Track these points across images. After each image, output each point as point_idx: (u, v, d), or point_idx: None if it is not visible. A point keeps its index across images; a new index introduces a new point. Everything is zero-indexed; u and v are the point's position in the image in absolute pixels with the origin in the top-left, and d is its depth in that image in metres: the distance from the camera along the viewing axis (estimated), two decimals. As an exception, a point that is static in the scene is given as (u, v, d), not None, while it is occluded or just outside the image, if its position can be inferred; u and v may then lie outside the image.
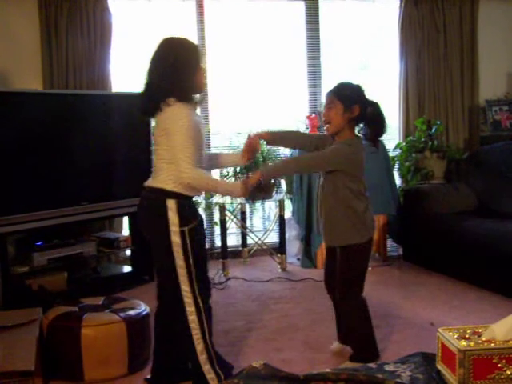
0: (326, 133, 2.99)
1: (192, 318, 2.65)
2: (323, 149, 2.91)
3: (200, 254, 2.72)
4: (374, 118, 2.88)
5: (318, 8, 5.61)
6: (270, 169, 3.10)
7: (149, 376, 2.92)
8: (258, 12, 5.53)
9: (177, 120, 2.55)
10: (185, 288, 2.64)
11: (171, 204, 2.59)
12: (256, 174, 2.79)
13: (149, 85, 2.65)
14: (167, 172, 2.63)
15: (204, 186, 2.65)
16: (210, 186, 2.68)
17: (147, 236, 2.78)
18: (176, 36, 2.72)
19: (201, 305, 2.65)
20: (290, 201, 5.38)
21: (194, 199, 2.82)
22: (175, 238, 2.60)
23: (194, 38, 5.32)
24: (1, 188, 3.80)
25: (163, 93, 2.58)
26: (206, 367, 2.65)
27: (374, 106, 2.88)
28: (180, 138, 2.53)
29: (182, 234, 2.59)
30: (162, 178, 2.65)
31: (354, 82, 2.93)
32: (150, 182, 2.73)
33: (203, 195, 5.14)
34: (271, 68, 5.56)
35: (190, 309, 2.64)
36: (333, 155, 2.85)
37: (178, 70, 2.58)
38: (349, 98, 2.83)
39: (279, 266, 5.05)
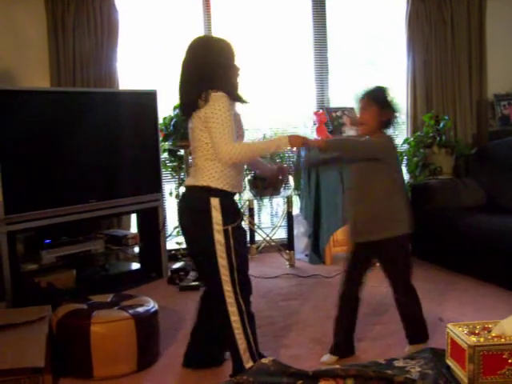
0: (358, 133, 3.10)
1: (234, 318, 2.63)
2: None
3: (242, 253, 2.69)
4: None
5: (324, 3, 5.60)
6: (330, 142, 3.03)
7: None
8: (265, 8, 5.52)
9: (214, 105, 2.56)
10: (227, 288, 2.62)
11: (215, 202, 2.58)
12: (318, 141, 2.80)
13: (183, 84, 2.70)
14: (210, 169, 2.62)
15: (250, 153, 2.61)
16: (255, 150, 2.65)
17: (188, 236, 2.75)
18: (210, 35, 2.74)
19: (243, 306, 2.64)
20: (297, 197, 5.37)
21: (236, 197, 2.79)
22: (218, 237, 2.58)
23: (200, 34, 5.32)
24: (9, 186, 3.80)
25: (198, 89, 2.60)
26: (249, 365, 2.63)
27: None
28: (217, 121, 2.53)
29: (226, 232, 2.58)
30: (205, 176, 2.63)
31: (384, 85, 3.04)
32: (192, 181, 2.71)
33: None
34: (278, 64, 5.55)
35: (232, 309, 2.63)
36: (380, 143, 2.94)
37: (211, 67, 2.64)
38: (384, 101, 2.94)
39: (287, 263, 5.04)
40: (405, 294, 3.05)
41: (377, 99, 2.92)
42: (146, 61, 5.28)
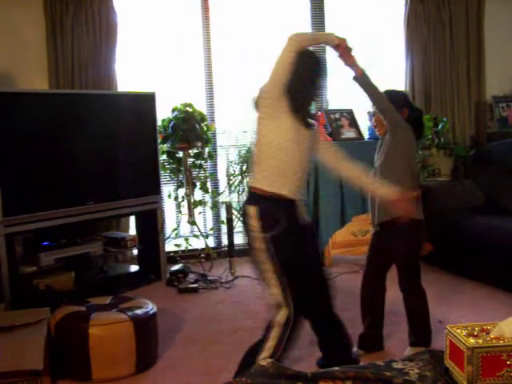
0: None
1: (278, 319, 2.60)
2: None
3: (292, 260, 2.60)
4: (416, 123, 3.10)
5: (323, 4, 5.61)
6: (367, 76, 2.95)
7: None
8: (264, 8, 5.52)
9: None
10: (275, 291, 2.59)
11: (252, 210, 2.57)
12: (358, 66, 2.85)
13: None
14: (259, 169, 2.62)
15: (303, 36, 2.58)
16: (307, 36, 2.64)
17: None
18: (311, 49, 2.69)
19: (292, 309, 2.60)
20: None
21: (289, 202, 2.64)
22: (259, 244, 2.57)
23: (199, 37, 5.34)
24: (8, 188, 3.80)
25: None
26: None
27: (419, 112, 3.18)
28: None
29: (265, 240, 2.55)
30: (253, 176, 2.65)
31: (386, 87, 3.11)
32: (249, 181, 2.72)
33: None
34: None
35: (283, 310, 2.60)
36: (404, 123, 3.01)
37: (297, 75, 2.56)
38: (398, 101, 3.02)
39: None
40: (413, 293, 3.10)
41: (391, 100, 2.97)
42: (144, 63, 5.28)
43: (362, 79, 2.89)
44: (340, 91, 5.69)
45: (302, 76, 2.57)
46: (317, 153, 2.75)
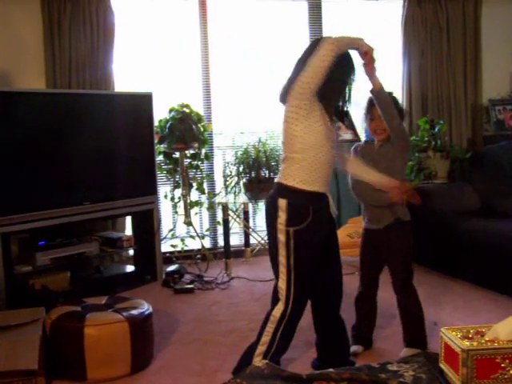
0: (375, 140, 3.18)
1: (276, 314, 2.67)
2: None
3: (306, 260, 2.67)
4: None
5: (320, 7, 5.61)
6: (384, 91, 3.02)
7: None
8: (261, 11, 5.53)
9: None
10: (281, 285, 2.67)
11: (282, 203, 2.61)
12: (376, 81, 2.92)
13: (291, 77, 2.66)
14: (290, 166, 2.65)
15: (342, 41, 2.60)
16: (344, 40, 2.66)
17: (266, 227, 2.79)
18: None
19: (289, 308, 2.66)
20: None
21: (316, 197, 2.68)
22: (280, 236, 2.62)
23: (196, 38, 5.34)
24: (4, 188, 3.80)
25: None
26: (257, 359, 2.64)
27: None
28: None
29: (287, 233, 2.60)
30: (283, 172, 2.68)
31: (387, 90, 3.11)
32: (279, 178, 2.73)
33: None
34: (274, 67, 5.55)
35: (280, 305, 2.67)
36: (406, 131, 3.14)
37: (332, 77, 2.58)
38: (398, 110, 3.05)
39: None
40: (407, 294, 3.10)
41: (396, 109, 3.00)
42: (141, 63, 5.28)
43: (379, 93, 2.92)
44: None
45: (336, 78, 2.61)
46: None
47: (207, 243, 5.50)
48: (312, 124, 2.58)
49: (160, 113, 4.99)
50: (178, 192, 5.23)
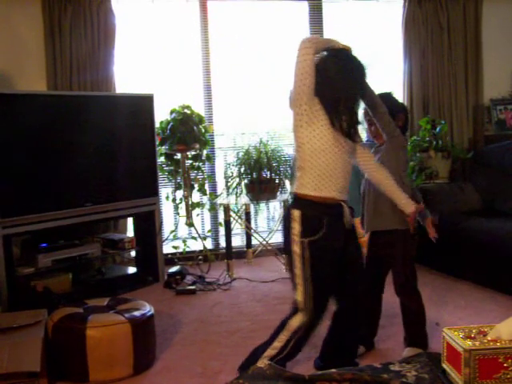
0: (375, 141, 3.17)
1: (294, 323, 2.63)
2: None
3: (323, 271, 2.62)
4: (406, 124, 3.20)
5: (321, 8, 5.61)
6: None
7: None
8: (262, 12, 5.53)
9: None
10: (299, 297, 2.62)
11: (296, 214, 2.57)
12: None
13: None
14: (303, 174, 2.61)
15: (315, 38, 2.64)
16: (318, 38, 2.68)
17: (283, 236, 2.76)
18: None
19: (308, 320, 2.62)
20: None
21: (330, 208, 2.62)
22: (295, 247, 2.58)
23: (197, 39, 5.34)
24: (5, 189, 3.81)
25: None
26: (264, 360, 2.55)
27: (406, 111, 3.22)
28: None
29: (302, 244, 2.56)
30: (297, 182, 2.65)
31: (386, 91, 3.10)
32: (293, 187, 2.70)
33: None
34: (275, 68, 5.55)
35: (300, 316, 2.62)
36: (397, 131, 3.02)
37: (324, 76, 2.54)
38: (396, 106, 3.06)
39: (284, 267, 5.04)
40: (409, 296, 3.10)
41: (391, 105, 2.97)
42: (142, 64, 5.28)
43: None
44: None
45: (328, 76, 2.55)
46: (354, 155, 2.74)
47: (209, 244, 5.50)
48: (316, 129, 2.53)
49: (161, 114, 5.00)
50: (180, 193, 5.23)
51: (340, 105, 2.56)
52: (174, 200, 5.26)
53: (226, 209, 4.92)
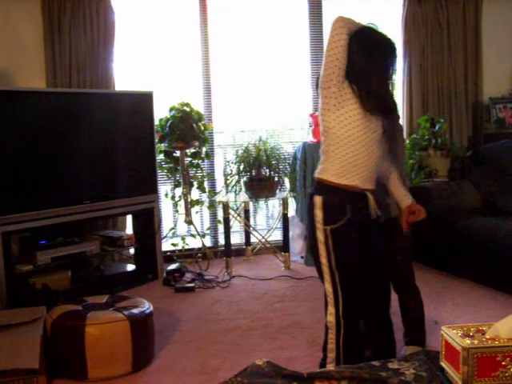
0: None
1: (330, 318, 2.53)
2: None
3: (348, 259, 2.50)
4: None
5: (321, 6, 5.61)
6: None
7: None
8: (261, 10, 5.53)
9: None
10: (327, 288, 2.52)
11: (318, 200, 2.47)
12: None
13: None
14: (327, 160, 2.50)
15: (348, 18, 2.50)
16: (350, 19, 2.52)
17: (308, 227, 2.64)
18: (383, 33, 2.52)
19: (341, 309, 2.50)
20: (293, 199, 5.37)
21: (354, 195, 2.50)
22: (319, 235, 2.48)
23: (196, 36, 5.33)
24: (4, 187, 3.80)
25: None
26: (330, 365, 2.48)
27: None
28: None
29: (325, 232, 2.46)
30: (320, 166, 2.54)
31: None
32: (317, 172, 2.58)
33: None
34: (274, 66, 5.55)
35: (331, 309, 2.53)
36: None
37: (356, 57, 2.42)
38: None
39: (283, 265, 5.04)
40: (408, 293, 3.11)
41: None
42: (142, 62, 5.28)
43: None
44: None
45: (360, 57, 2.44)
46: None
47: (208, 242, 5.50)
48: (344, 114, 2.41)
49: (160, 111, 5.00)
50: (179, 191, 5.23)
51: (372, 85, 2.44)
52: (173, 197, 5.26)
53: (225, 206, 4.92)
